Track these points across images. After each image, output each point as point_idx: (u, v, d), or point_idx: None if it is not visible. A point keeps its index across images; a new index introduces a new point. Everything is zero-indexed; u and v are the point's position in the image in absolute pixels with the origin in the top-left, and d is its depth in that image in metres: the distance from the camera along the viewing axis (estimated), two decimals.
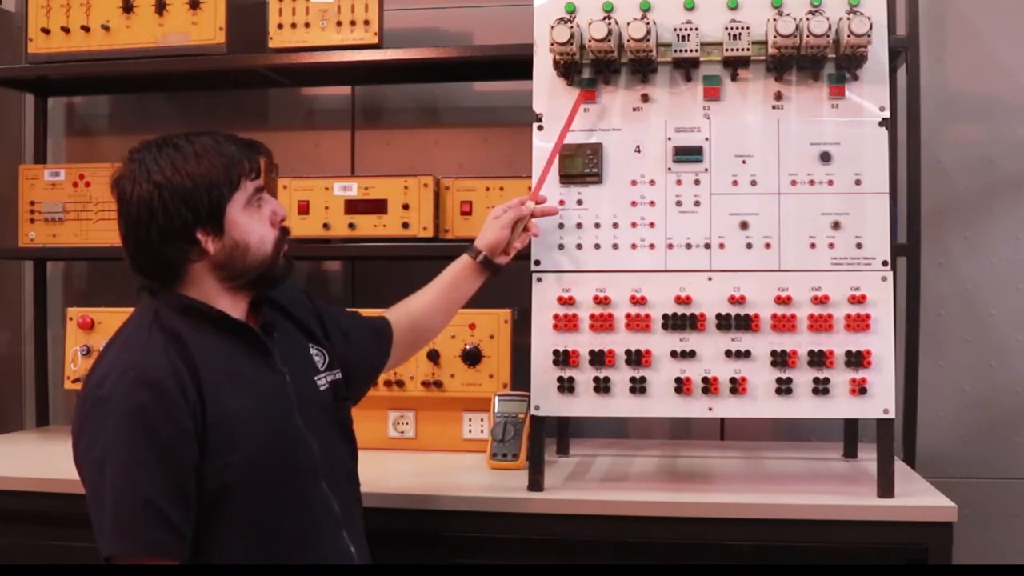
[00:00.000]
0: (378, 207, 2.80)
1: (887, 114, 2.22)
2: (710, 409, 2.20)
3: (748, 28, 2.20)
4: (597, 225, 2.26)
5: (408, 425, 2.75)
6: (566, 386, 2.22)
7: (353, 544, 1.84)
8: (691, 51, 2.23)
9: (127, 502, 1.62)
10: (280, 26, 2.89)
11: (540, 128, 2.30)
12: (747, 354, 2.19)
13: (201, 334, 1.74)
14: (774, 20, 2.15)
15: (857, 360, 2.16)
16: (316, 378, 1.90)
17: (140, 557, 1.62)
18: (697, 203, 2.24)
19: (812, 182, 2.22)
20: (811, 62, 2.21)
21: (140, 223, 1.74)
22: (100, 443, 1.64)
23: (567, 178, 2.27)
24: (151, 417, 1.63)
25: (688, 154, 2.25)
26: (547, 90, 2.30)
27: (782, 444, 2.90)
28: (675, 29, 2.23)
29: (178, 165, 1.72)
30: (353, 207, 2.82)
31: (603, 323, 2.22)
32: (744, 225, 2.22)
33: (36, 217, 3.02)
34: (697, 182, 2.25)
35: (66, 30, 2.96)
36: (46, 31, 2.96)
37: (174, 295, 1.77)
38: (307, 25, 2.87)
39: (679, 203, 2.25)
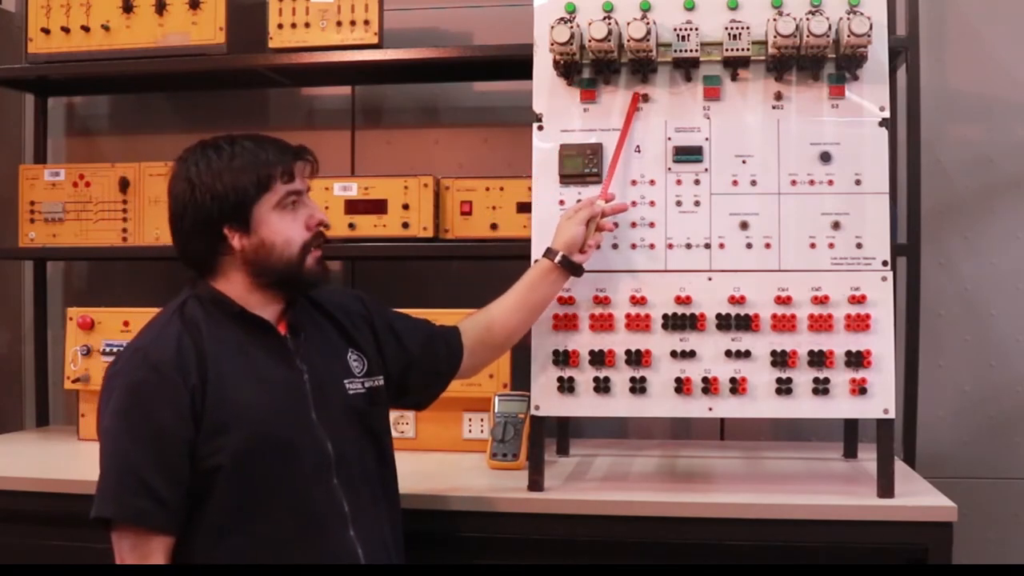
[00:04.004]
0: (378, 207, 2.81)
1: (887, 114, 2.22)
2: (710, 409, 2.20)
3: (748, 28, 2.20)
4: None
5: (408, 425, 2.75)
6: (566, 386, 2.22)
7: (361, 544, 1.85)
8: (691, 51, 2.23)
9: (117, 470, 1.74)
10: (280, 26, 2.89)
11: (540, 128, 2.29)
12: (747, 354, 2.19)
13: (220, 325, 1.85)
14: (774, 20, 2.15)
15: (857, 360, 2.16)
16: (347, 382, 1.95)
17: (125, 524, 1.74)
18: (697, 203, 2.24)
19: (812, 182, 2.22)
20: (811, 62, 2.21)
21: (176, 216, 1.89)
22: (107, 414, 1.77)
23: (567, 178, 2.27)
24: (149, 394, 1.75)
25: (688, 154, 2.25)
26: (547, 90, 2.30)
27: (782, 444, 2.90)
28: (675, 29, 2.23)
29: (212, 165, 1.85)
30: (353, 207, 2.82)
31: (603, 323, 2.22)
32: (744, 225, 2.22)
33: (36, 217, 3.02)
34: (697, 182, 2.25)
35: (66, 30, 2.96)
36: (46, 31, 2.96)
37: (206, 287, 1.89)
38: (307, 25, 2.87)
39: (679, 203, 2.25)
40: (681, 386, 2.20)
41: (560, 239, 2.17)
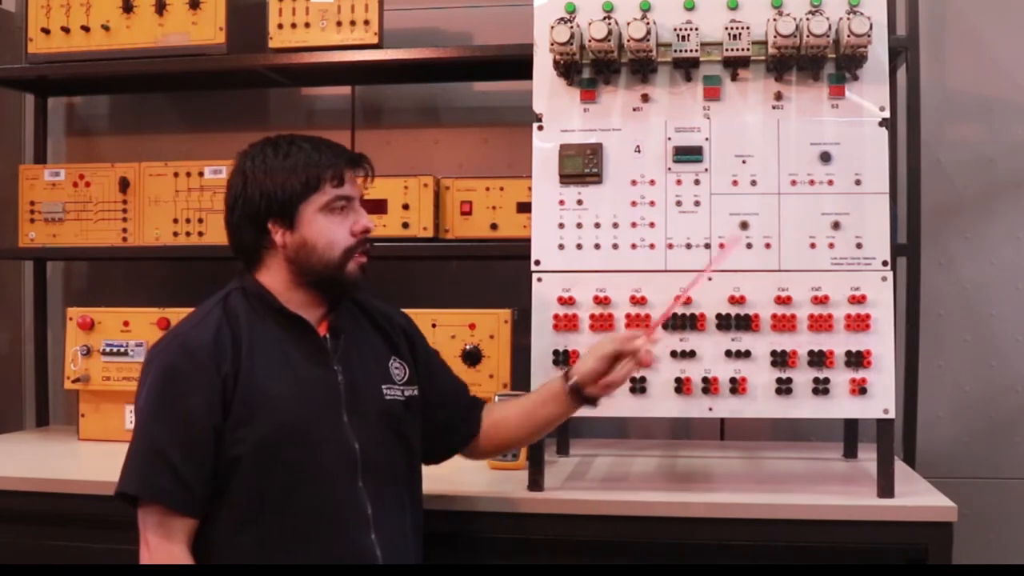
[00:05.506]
0: (378, 207, 2.80)
1: (887, 114, 2.22)
2: (710, 409, 2.20)
3: (748, 28, 2.20)
4: (597, 225, 2.26)
5: None
6: None
7: (381, 548, 1.86)
8: (691, 51, 2.23)
9: (142, 449, 1.80)
10: (280, 26, 2.89)
11: (540, 128, 2.29)
12: (747, 354, 2.19)
13: (260, 318, 1.90)
14: (774, 20, 2.15)
15: (857, 360, 2.16)
16: (386, 387, 1.97)
17: (147, 502, 1.79)
18: (697, 203, 2.24)
19: (812, 182, 2.22)
20: (811, 62, 2.21)
21: (228, 207, 1.94)
22: (142, 394, 1.84)
23: (567, 178, 2.27)
24: (181, 379, 1.81)
25: (688, 154, 2.25)
26: (547, 90, 2.30)
27: (782, 444, 2.90)
28: (675, 29, 2.23)
29: (267, 161, 1.90)
30: None
31: (603, 323, 2.22)
32: (744, 225, 2.22)
33: (36, 217, 3.01)
34: (697, 182, 2.25)
35: (66, 30, 2.96)
36: (46, 31, 2.96)
37: (252, 280, 1.93)
38: (307, 25, 2.87)
39: (679, 203, 2.25)
40: (681, 386, 2.20)
41: (579, 365, 2.03)
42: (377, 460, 1.90)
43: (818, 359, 2.16)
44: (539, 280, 2.27)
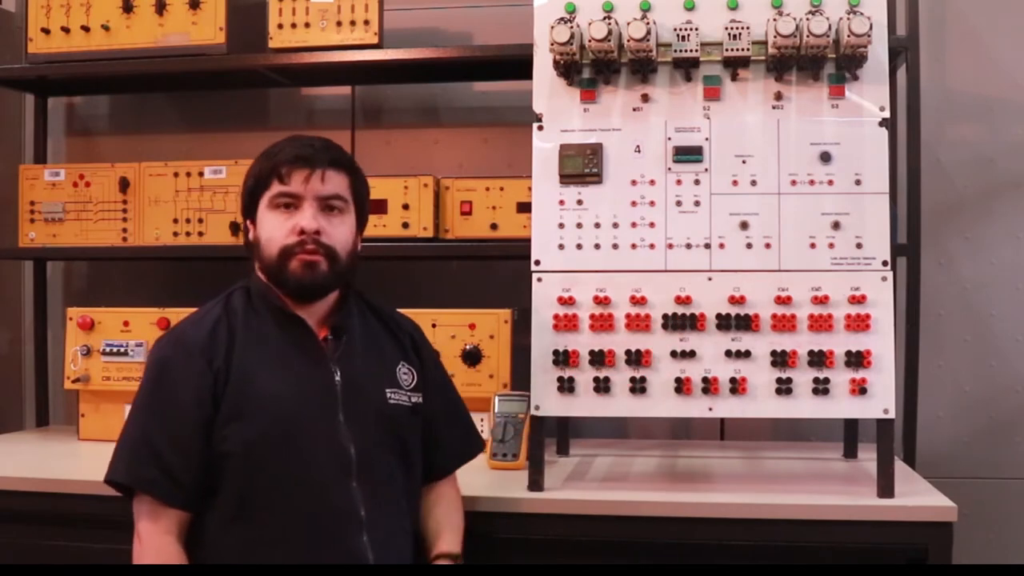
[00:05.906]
0: (378, 207, 2.80)
1: (887, 114, 2.22)
2: (710, 409, 2.20)
3: (748, 28, 2.20)
4: (597, 225, 2.26)
5: None
6: (566, 386, 2.22)
7: (373, 550, 1.84)
8: (691, 51, 2.23)
9: (131, 438, 1.83)
10: (280, 26, 2.89)
11: (540, 128, 2.29)
12: (747, 354, 2.19)
13: (258, 317, 1.91)
14: (774, 20, 2.16)
15: (857, 360, 2.16)
16: (390, 391, 1.96)
17: (136, 493, 1.81)
18: (697, 203, 2.24)
19: (812, 182, 2.22)
20: (811, 62, 2.21)
21: None
22: (140, 385, 1.88)
23: (567, 178, 2.27)
24: (170, 371, 1.84)
25: (688, 154, 2.25)
26: (547, 90, 2.30)
27: (782, 444, 2.90)
28: (675, 29, 2.23)
29: (256, 159, 1.95)
30: None
31: (603, 323, 2.22)
32: (744, 225, 2.22)
33: (36, 217, 3.01)
34: (697, 182, 2.25)
35: (66, 30, 2.96)
36: (46, 31, 2.96)
37: (256, 279, 1.95)
38: (307, 25, 2.87)
39: (679, 203, 2.25)
40: (681, 386, 2.20)
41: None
42: (373, 461, 1.89)
43: (818, 359, 2.16)
44: (539, 280, 2.26)
